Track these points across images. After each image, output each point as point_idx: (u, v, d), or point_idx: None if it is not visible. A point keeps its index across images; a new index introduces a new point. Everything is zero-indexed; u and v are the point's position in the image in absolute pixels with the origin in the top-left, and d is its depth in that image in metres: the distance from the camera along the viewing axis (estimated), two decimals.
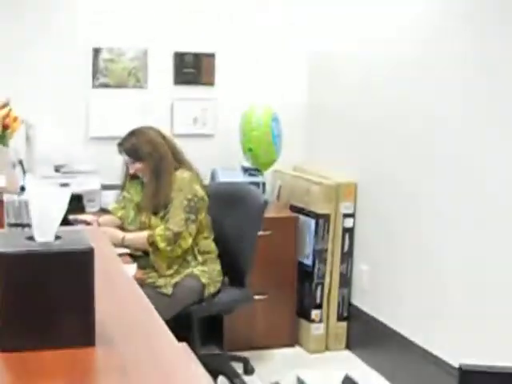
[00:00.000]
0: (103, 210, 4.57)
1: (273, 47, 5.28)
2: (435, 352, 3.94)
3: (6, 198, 2.51)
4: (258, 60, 5.26)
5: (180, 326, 3.74)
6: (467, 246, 3.72)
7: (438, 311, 3.96)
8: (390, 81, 4.37)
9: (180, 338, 1.51)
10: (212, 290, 4.07)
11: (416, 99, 4.12)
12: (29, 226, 1.46)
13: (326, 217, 4.75)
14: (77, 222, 4.01)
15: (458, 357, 1.83)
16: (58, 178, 4.53)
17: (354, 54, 4.77)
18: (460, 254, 3.78)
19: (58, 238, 1.41)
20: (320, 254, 4.79)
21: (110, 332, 1.43)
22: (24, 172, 4.16)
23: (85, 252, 1.37)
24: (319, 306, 4.84)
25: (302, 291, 4.90)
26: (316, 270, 4.81)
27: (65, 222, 1.51)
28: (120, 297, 1.65)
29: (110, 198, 4.66)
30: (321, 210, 4.75)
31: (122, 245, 3.93)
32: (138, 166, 4.08)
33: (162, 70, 5.14)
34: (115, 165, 4.43)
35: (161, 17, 5.05)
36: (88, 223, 4.04)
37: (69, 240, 1.41)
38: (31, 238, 1.40)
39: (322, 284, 4.82)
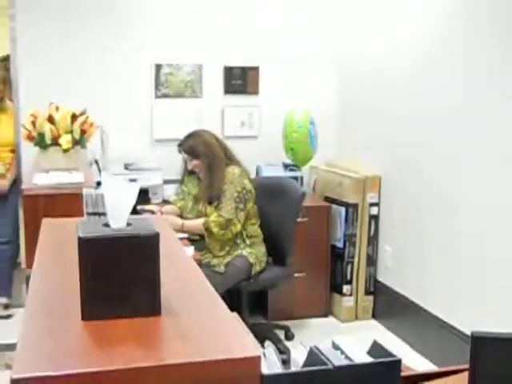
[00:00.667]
0: (165, 201, 4.60)
1: (304, 56, 5.25)
2: (450, 321, 3.92)
3: (84, 191, 2.54)
4: (294, 69, 5.23)
5: (231, 300, 3.78)
6: (482, 228, 3.69)
7: (452, 286, 3.94)
8: (409, 79, 4.32)
9: (231, 310, 1.50)
10: (258, 268, 4.08)
11: (436, 96, 4.08)
12: (104, 214, 1.47)
13: (355, 206, 4.74)
14: (143, 211, 4.04)
15: (471, 326, 1.82)
16: (127, 174, 4.56)
17: (378, 53, 4.70)
18: (476, 236, 3.75)
19: (129, 224, 1.42)
20: (350, 238, 4.78)
21: (172, 304, 1.43)
22: (99, 170, 4.21)
23: (151, 236, 1.38)
24: (349, 282, 4.83)
25: (334, 269, 4.89)
26: (346, 252, 4.79)
27: (133, 211, 1.52)
28: (180, 274, 1.66)
29: (170, 191, 4.70)
30: (350, 199, 4.73)
31: (181, 230, 3.95)
32: (195, 163, 4.10)
33: (213, 81, 5.13)
34: (175, 162, 4.46)
35: (212, 36, 5.04)
36: (153, 212, 4.08)
37: (138, 226, 1.42)
38: (107, 225, 1.42)
39: (352, 263, 4.81)
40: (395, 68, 4.47)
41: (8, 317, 4.83)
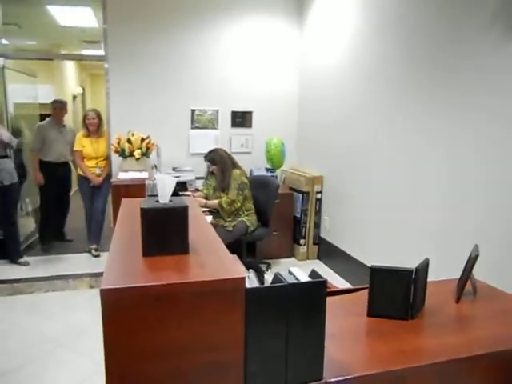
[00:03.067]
0: (196, 190, 4.58)
1: (279, 106, 5.24)
2: (361, 259, 3.93)
3: (146, 182, 2.55)
4: (272, 113, 5.23)
5: (234, 247, 3.78)
6: (381, 198, 3.70)
7: (362, 237, 3.95)
8: (341, 123, 4.32)
9: (234, 253, 1.50)
10: (252, 228, 4.08)
11: (359, 132, 4.07)
12: (157, 195, 1.45)
13: (307, 193, 4.73)
14: (183, 195, 4.04)
15: (372, 261, 1.83)
16: (173, 173, 4.56)
17: (325, 97, 4.71)
18: (377, 204, 3.75)
19: (170, 201, 1.41)
20: (304, 212, 4.77)
21: (196, 247, 1.43)
22: (156, 170, 4.20)
23: (183, 208, 1.37)
24: (304, 237, 4.82)
25: (295, 230, 4.88)
26: (302, 220, 4.78)
27: (176, 195, 1.51)
28: (202, 231, 1.65)
29: (199, 184, 4.70)
30: (304, 189, 4.72)
31: (205, 206, 3.95)
32: (214, 167, 4.09)
33: (225, 119, 5.12)
34: (202, 167, 4.45)
35: (225, 92, 5.04)
36: (188, 195, 4.08)
37: (176, 202, 1.40)
38: (157, 201, 1.41)
39: (305, 227, 4.80)
40: (336, 110, 4.45)
41: (97, 256, 4.82)
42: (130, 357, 1.18)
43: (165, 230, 1.35)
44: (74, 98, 9.22)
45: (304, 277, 1.33)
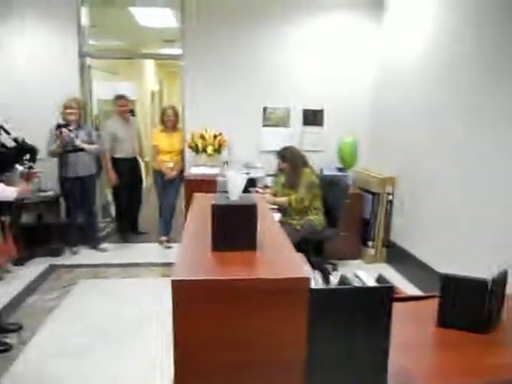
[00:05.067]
0: (266, 186, 4.62)
1: (352, 103, 5.15)
2: (433, 266, 3.78)
3: (218, 179, 2.61)
4: (345, 111, 5.15)
5: (302, 246, 3.78)
6: (456, 202, 3.53)
7: (435, 242, 3.79)
8: (416, 118, 4.17)
9: (301, 252, 1.51)
10: (320, 228, 4.05)
11: (435, 127, 3.91)
12: (227, 192, 1.48)
13: (378, 194, 4.62)
14: (251, 192, 4.09)
15: (445, 268, 1.76)
16: (244, 169, 4.62)
17: (395, 97, 4.57)
18: (453, 208, 3.59)
19: (240, 198, 1.45)
20: (374, 213, 4.66)
21: (263, 244, 1.44)
22: (227, 167, 4.29)
23: (252, 205, 1.39)
24: (373, 240, 4.72)
25: (364, 231, 4.78)
26: (371, 221, 4.68)
27: (246, 191, 1.53)
28: (269, 228, 1.66)
29: (269, 181, 4.74)
30: (375, 190, 4.62)
31: (273, 204, 3.98)
32: (284, 165, 4.10)
33: (296, 118, 5.12)
34: (272, 164, 4.49)
35: (296, 91, 5.03)
36: (258, 192, 4.12)
37: (245, 199, 1.43)
38: (228, 198, 1.45)
39: (375, 228, 4.69)
40: (418, 109, 4.29)
41: (168, 247, 5.01)
42: (197, 346, 1.23)
43: (234, 227, 1.38)
44: (153, 94, 9.65)
45: (370, 281, 1.32)
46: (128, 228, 5.35)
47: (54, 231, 4.68)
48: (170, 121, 4.87)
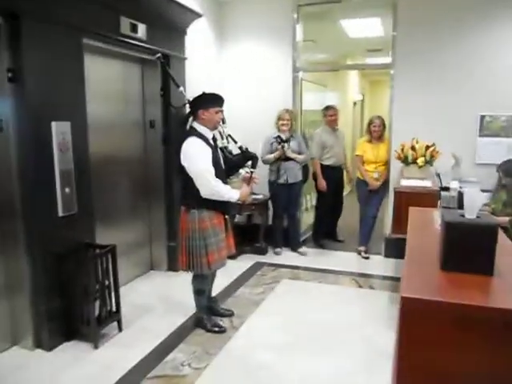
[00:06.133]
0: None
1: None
2: None
3: (442, 194, 2.43)
4: None
5: None
6: None
7: None
8: None
9: None
10: None
11: None
12: (453, 208, 1.39)
13: None
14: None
15: None
16: (462, 185, 4.24)
17: None
18: None
19: (477, 217, 1.34)
20: None
21: (502, 269, 1.32)
22: (440, 180, 4.00)
23: (494, 225, 1.29)
24: None
25: None
26: None
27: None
28: (509, 253, 1.50)
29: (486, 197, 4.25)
30: None
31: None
32: (508, 179, 3.62)
33: None
34: (490, 179, 4.03)
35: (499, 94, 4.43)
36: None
37: (485, 219, 1.33)
38: (462, 215, 1.36)
39: None
40: None
41: (366, 258, 4.96)
42: (421, 365, 1.18)
43: (469, 247, 1.30)
44: (354, 104, 9.72)
45: None
46: (324, 236, 5.49)
47: (260, 231, 5.10)
48: (376, 131, 4.84)
